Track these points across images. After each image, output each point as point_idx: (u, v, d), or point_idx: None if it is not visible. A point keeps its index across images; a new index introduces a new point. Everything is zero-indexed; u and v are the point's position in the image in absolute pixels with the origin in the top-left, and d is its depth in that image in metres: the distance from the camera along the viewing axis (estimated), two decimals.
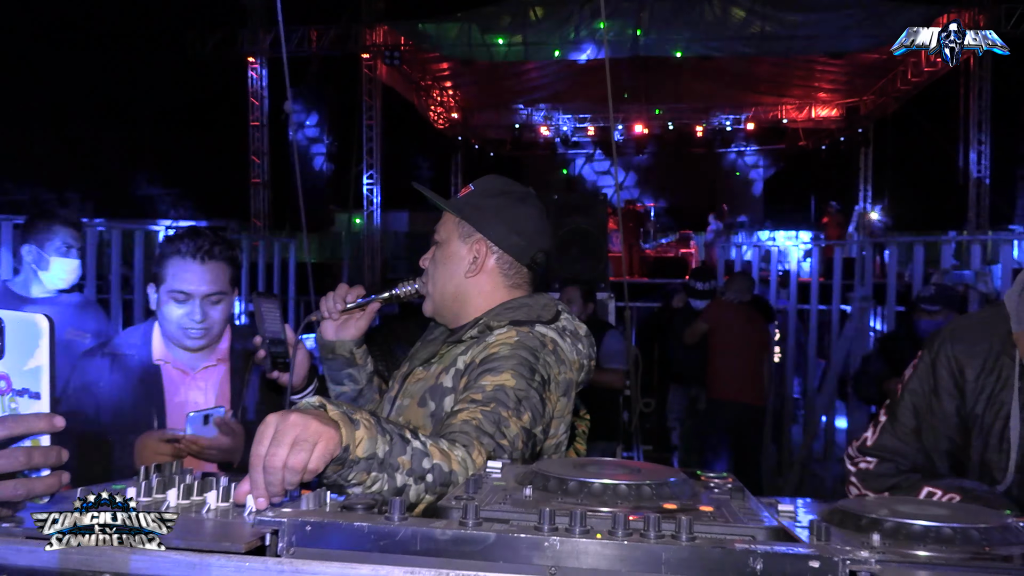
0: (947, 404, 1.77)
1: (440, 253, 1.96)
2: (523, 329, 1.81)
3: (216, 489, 1.22)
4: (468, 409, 1.61)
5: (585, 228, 6.45)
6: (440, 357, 1.91)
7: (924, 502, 1.26)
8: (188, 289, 2.37)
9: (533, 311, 1.88)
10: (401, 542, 0.93)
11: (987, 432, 1.70)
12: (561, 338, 1.87)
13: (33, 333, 1.10)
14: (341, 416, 1.29)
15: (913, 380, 1.84)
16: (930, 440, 1.80)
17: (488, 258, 1.92)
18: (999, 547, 1.04)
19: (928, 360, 1.81)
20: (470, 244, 1.93)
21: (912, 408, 1.82)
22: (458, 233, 1.94)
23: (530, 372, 1.72)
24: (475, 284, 1.93)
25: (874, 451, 1.86)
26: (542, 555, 0.91)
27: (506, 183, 2.00)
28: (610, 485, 1.13)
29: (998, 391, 1.69)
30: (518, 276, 1.96)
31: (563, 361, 1.84)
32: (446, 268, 1.95)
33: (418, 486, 1.37)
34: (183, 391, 2.50)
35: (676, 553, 0.88)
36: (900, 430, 1.83)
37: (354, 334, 2.09)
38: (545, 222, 2.00)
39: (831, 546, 0.91)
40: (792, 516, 1.13)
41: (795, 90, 18.87)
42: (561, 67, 15.95)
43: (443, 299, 1.96)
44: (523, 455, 1.62)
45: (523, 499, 1.10)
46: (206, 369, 2.53)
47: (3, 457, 1.05)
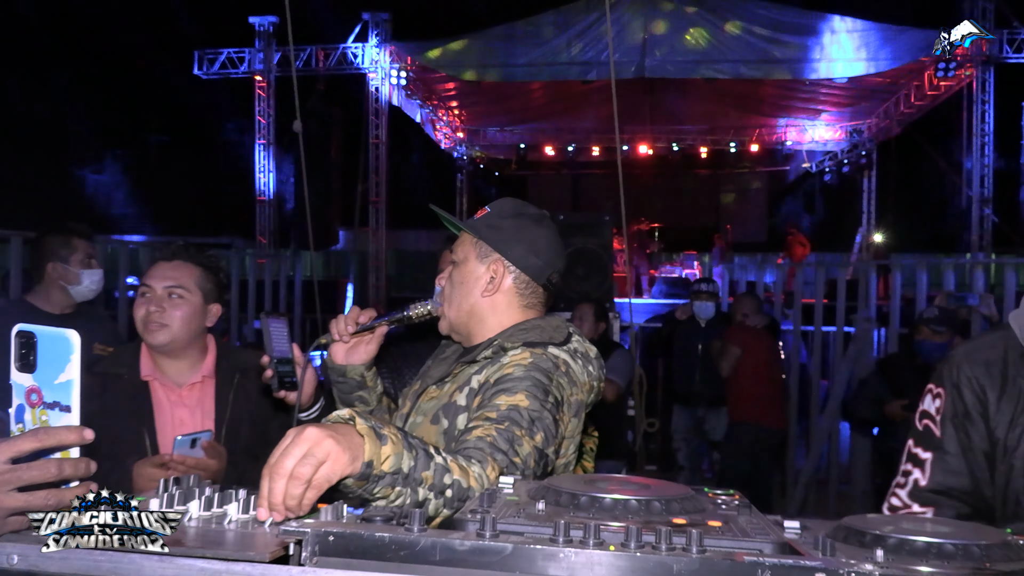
0: (980, 425, 1.72)
1: (457, 273, 1.99)
2: (537, 351, 1.84)
3: (236, 501, 1.25)
4: (483, 427, 1.64)
5: (590, 248, 6.50)
6: (454, 376, 1.94)
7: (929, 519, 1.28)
8: (150, 282, 2.50)
9: (546, 333, 1.91)
10: (421, 552, 0.96)
11: (1011, 455, 1.67)
12: (573, 360, 1.90)
13: (64, 348, 1.13)
14: (368, 431, 1.32)
15: (947, 407, 1.76)
16: (977, 469, 1.73)
17: (505, 278, 1.96)
18: (1000, 563, 1.06)
19: (951, 385, 1.76)
20: (487, 264, 1.96)
21: (955, 437, 1.75)
22: (476, 253, 1.97)
23: (544, 393, 1.74)
24: (491, 303, 1.96)
25: (931, 493, 1.75)
26: (557, 566, 0.94)
27: (522, 205, 2.03)
28: (621, 500, 1.16)
29: (1019, 414, 1.67)
30: (533, 296, 1.99)
31: (575, 383, 1.87)
32: (463, 287, 1.97)
33: (438, 500, 1.40)
34: (170, 408, 2.55)
35: (687, 565, 0.91)
36: (953, 462, 1.74)
37: (364, 358, 2.10)
38: (560, 244, 2.03)
39: (837, 560, 0.94)
40: (798, 533, 1.15)
41: (799, 112, 18.96)
42: (566, 87, 16.03)
43: (459, 317, 1.99)
44: (535, 474, 1.64)
45: (536, 513, 1.13)
46: (192, 386, 2.58)
47: (35, 468, 1.08)
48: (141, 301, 2.51)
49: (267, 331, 2.07)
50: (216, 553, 1.00)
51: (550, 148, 20.12)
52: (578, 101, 16.98)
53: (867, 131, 18.73)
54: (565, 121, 19.14)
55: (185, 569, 0.98)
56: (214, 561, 0.98)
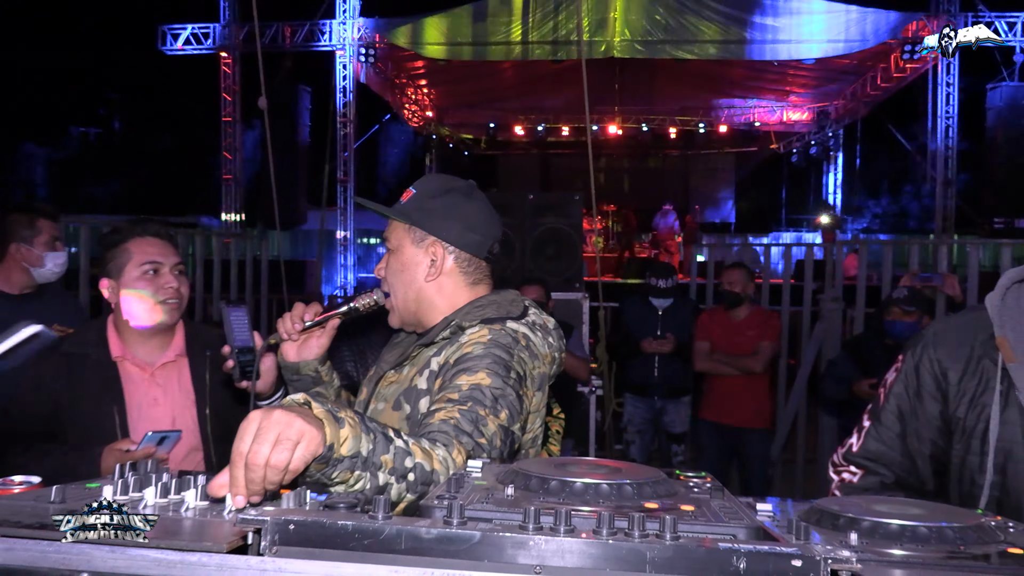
0: (930, 407, 1.78)
1: (395, 261, 1.94)
2: (495, 327, 1.82)
3: (194, 488, 1.20)
4: (445, 409, 1.61)
5: (560, 228, 6.46)
6: (412, 359, 1.90)
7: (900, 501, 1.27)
8: (159, 259, 2.46)
9: (502, 308, 1.88)
10: (386, 541, 0.93)
11: (968, 435, 1.71)
12: (532, 332, 1.87)
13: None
14: (326, 414, 1.28)
15: (897, 383, 1.84)
16: (914, 443, 1.80)
17: (446, 259, 1.91)
18: (973, 546, 1.05)
19: (911, 363, 1.81)
20: (424, 248, 1.91)
21: (897, 411, 1.83)
22: (410, 239, 1.92)
23: (505, 370, 1.72)
24: (437, 287, 1.92)
25: (859, 458, 1.86)
26: (527, 554, 0.91)
27: (447, 180, 1.97)
28: (592, 484, 1.14)
29: (980, 394, 1.70)
30: (478, 272, 1.96)
31: (536, 356, 1.85)
32: (404, 275, 1.93)
33: (400, 485, 1.37)
34: (143, 389, 2.50)
35: (661, 552, 0.89)
36: (885, 434, 1.83)
37: (317, 352, 2.04)
38: (493, 212, 1.98)
39: (813, 545, 0.92)
40: (771, 515, 1.13)
41: (767, 94, 19.06)
42: (535, 67, 15.96)
43: (406, 307, 1.94)
44: (502, 453, 1.62)
45: (505, 498, 1.10)
46: (165, 365, 2.54)
47: None
48: (152, 281, 2.45)
49: (227, 321, 2.01)
50: (171, 544, 0.95)
51: (519, 128, 20.07)
52: (548, 81, 16.94)
53: (834, 112, 18.90)
54: (534, 100, 19.10)
55: (137, 560, 0.94)
56: (168, 552, 0.94)
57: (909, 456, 1.81)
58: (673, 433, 6.40)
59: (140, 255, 2.44)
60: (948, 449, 1.76)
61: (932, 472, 1.80)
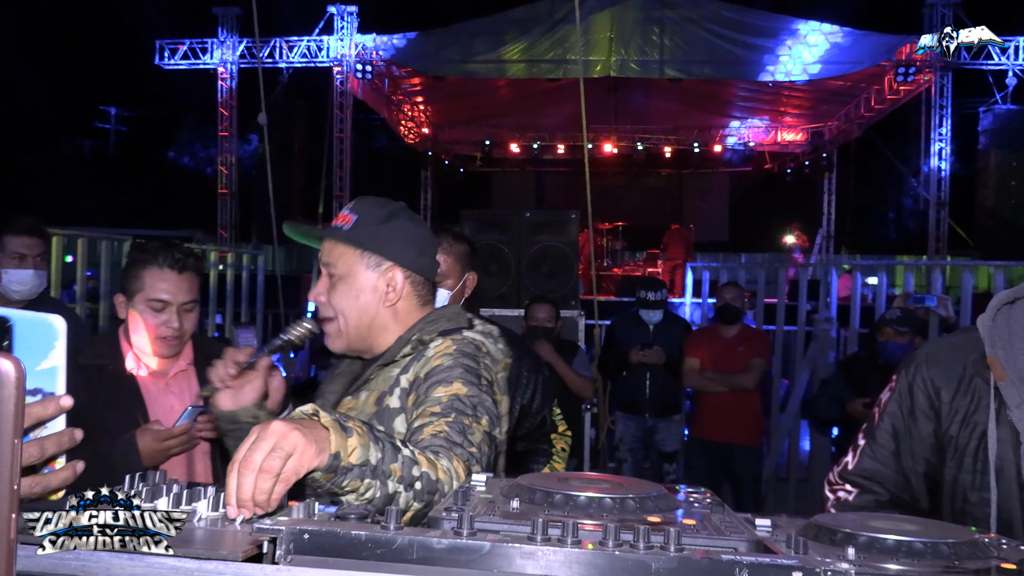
0: (924, 426, 1.81)
1: (346, 287, 1.90)
2: (456, 337, 1.86)
3: (206, 499, 1.23)
4: (432, 423, 1.63)
5: (556, 246, 6.48)
6: (369, 382, 1.90)
7: (896, 518, 1.30)
8: (166, 298, 2.47)
9: (453, 321, 1.92)
10: (398, 551, 0.95)
11: (961, 452, 1.74)
12: (487, 340, 1.92)
13: (47, 334, 1.10)
14: (333, 423, 1.31)
15: (891, 403, 1.87)
16: (908, 462, 1.83)
17: (404, 284, 1.92)
18: (968, 561, 1.08)
19: (905, 383, 1.85)
20: (380, 273, 1.90)
21: (891, 430, 1.86)
22: (364, 264, 1.90)
23: (476, 377, 1.77)
24: (393, 311, 1.92)
25: (855, 476, 1.88)
26: (536, 564, 0.94)
27: (386, 203, 1.97)
28: (595, 498, 1.16)
29: (972, 412, 1.74)
30: (428, 292, 2.00)
31: (496, 361, 1.91)
32: (359, 300, 1.90)
33: (408, 493, 1.40)
34: (159, 398, 2.55)
35: (666, 563, 0.91)
36: (880, 452, 1.86)
37: (253, 396, 1.88)
38: (428, 229, 2.03)
39: (812, 558, 0.95)
40: (769, 531, 1.16)
41: (762, 114, 19.18)
42: (532, 84, 16.05)
43: (358, 332, 1.92)
44: (488, 458, 1.65)
45: (512, 511, 1.13)
46: (177, 375, 2.61)
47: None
48: (153, 315, 2.48)
49: (236, 342, 2.02)
50: (187, 552, 0.98)
51: (515, 145, 20.12)
52: (544, 99, 17.02)
53: (828, 133, 19.01)
54: (530, 118, 19.16)
55: (155, 567, 0.96)
56: (186, 560, 0.96)
57: (903, 474, 1.84)
58: (665, 452, 6.35)
59: (151, 289, 2.47)
60: (941, 467, 1.79)
61: (926, 490, 1.83)
